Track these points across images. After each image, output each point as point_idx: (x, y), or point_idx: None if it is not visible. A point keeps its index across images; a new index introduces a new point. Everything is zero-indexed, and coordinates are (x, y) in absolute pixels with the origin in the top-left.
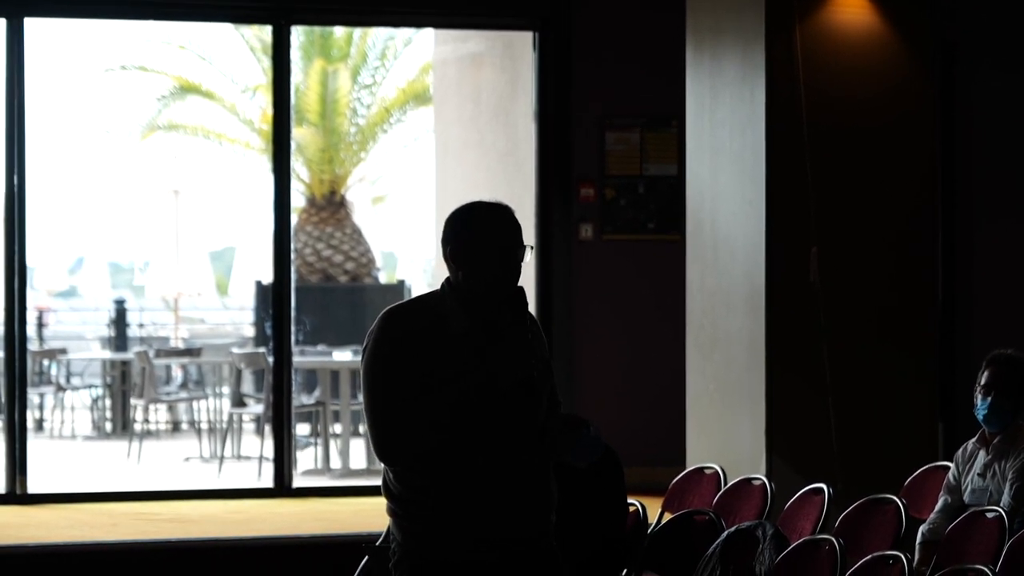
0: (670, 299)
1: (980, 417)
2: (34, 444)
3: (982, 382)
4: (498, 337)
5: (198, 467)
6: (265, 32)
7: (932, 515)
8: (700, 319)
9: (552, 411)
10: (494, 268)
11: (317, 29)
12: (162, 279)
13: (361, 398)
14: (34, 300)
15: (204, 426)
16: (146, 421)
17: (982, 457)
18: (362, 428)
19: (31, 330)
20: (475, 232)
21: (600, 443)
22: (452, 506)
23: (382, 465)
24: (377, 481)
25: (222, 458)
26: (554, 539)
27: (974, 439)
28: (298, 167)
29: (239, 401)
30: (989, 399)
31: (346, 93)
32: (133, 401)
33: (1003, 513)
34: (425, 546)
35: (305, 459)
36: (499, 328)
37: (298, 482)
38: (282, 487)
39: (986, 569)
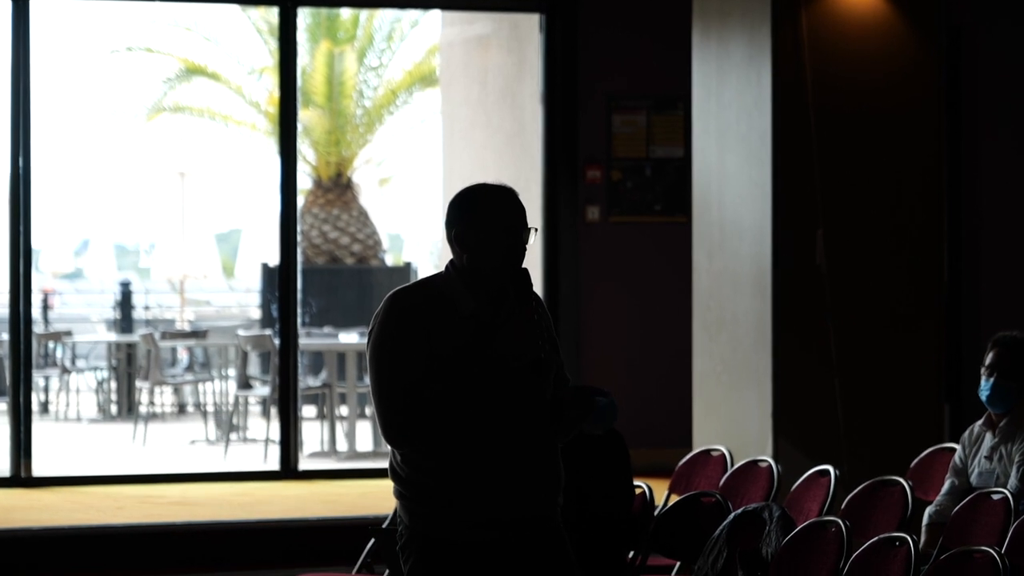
0: (677, 281)
1: (983, 398)
2: (39, 427)
3: (986, 363)
4: (506, 317)
5: (204, 450)
6: (271, 14)
7: (938, 497)
8: (707, 301)
9: (560, 388)
10: (499, 250)
11: (323, 11)
12: (168, 261)
13: (368, 380)
14: (39, 282)
15: (210, 409)
16: (152, 404)
17: (988, 440)
18: (368, 410)
19: (36, 312)
20: (480, 214)
21: (614, 408)
22: (461, 487)
23: (389, 448)
24: (383, 464)
25: (228, 441)
26: (560, 519)
27: (980, 421)
28: (304, 149)
29: (245, 383)
30: (992, 380)
31: (352, 75)
32: (139, 384)
33: (1009, 495)
34: (433, 527)
35: (311, 441)
36: (506, 309)
37: (304, 464)
38: (288, 469)
39: (992, 551)
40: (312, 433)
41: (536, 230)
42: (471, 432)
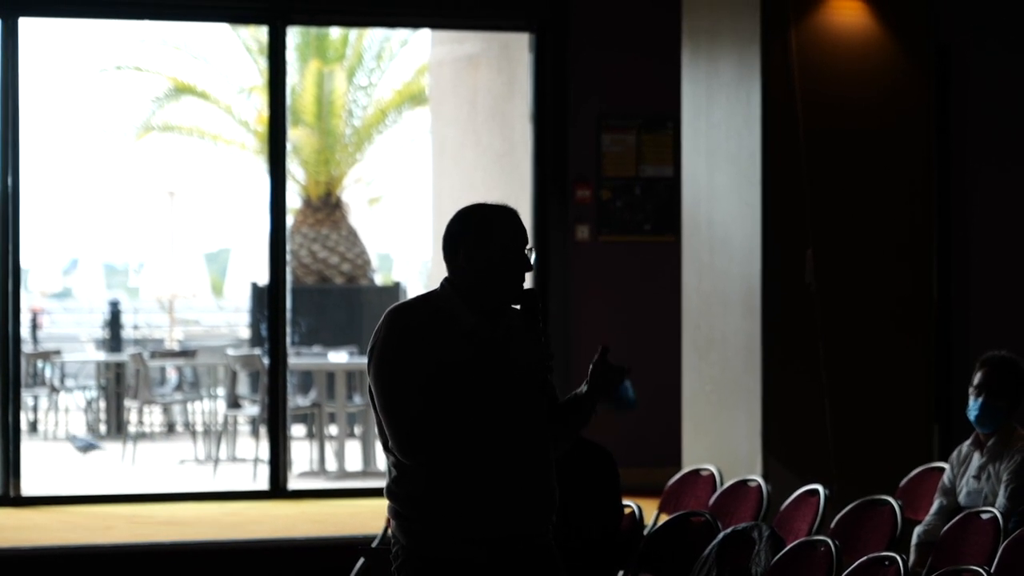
0: (666, 300)
1: (972, 417)
2: (28, 446)
3: (975, 383)
4: (504, 333)
5: (193, 469)
6: (261, 33)
7: (928, 517)
8: (696, 320)
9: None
10: (507, 268)
11: (313, 30)
12: (157, 280)
13: (358, 400)
14: (28, 301)
15: (199, 428)
16: (141, 423)
17: (977, 459)
18: (358, 430)
19: (25, 332)
20: (488, 233)
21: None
22: (463, 503)
23: (380, 467)
24: (372, 483)
25: (217, 460)
26: (552, 538)
27: (968, 441)
28: (294, 168)
29: (234, 403)
30: (981, 399)
31: (342, 94)
32: (127, 403)
33: (998, 514)
34: (431, 546)
35: (301, 461)
36: (503, 324)
37: (293, 484)
38: (277, 489)
39: (981, 570)
40: (301, 452)
41: (533, 249)
42: (476, 447)
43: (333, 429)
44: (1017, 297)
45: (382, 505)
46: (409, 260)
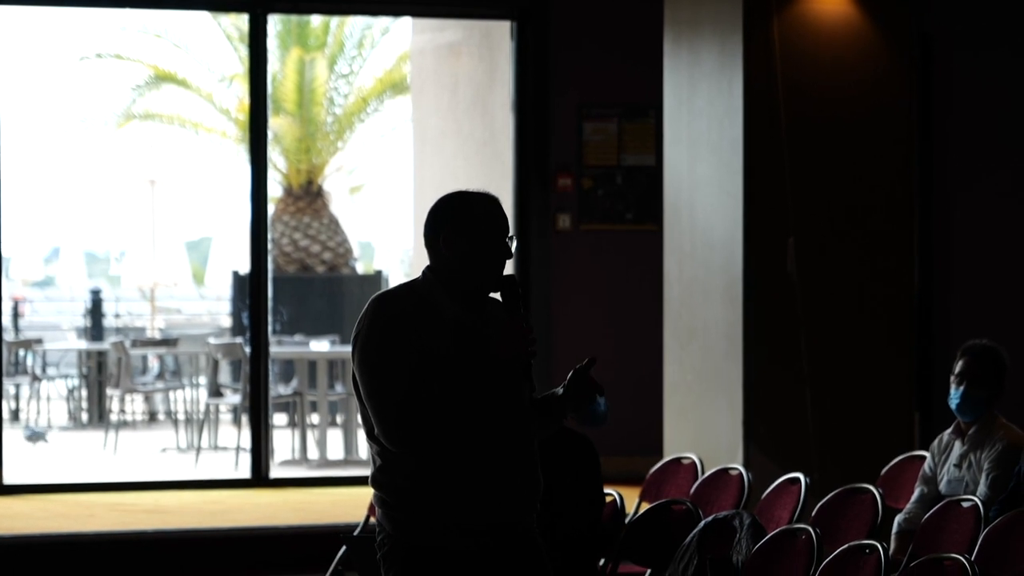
0: (648, 289)
1: (953, 406)
2: (10, 435)
3: (956, 371)
4: (486, 321)
5: (175, 458)
6: (242, 20)
7: (908, 505)
8: (678, 309)
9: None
10: (488, 255)
11: (294, 18)
12: (138, 269)
13: (339, 388)
14: (9, 290)
15: (181, 416)
16: (122, 411)
17: (958, 448)
18: (339, 418)
19: (6, 320)
20: (470, 219)
21: (607, 412)
22: (450, 492)
23: (362, 456)
24: (354, 472)
25: (199, 448)
26: (536, 526)
27: (950, 430)
28: (275, 157)
29: (216, 391)
30: (962, 388)
31: (323, 82)
32: (109, 391)
33: (978, 503)
34: (418, 535)
35: (282, 449)
36: (485, 312)
37: (275, 472)
38: (259, 477)
39: (962, 558)
40: (283, 441)
41: (514, 238)
42: (461, 436)
43: (315, 417)
44: (998, 286)
45: (364, 493)
46: (390, 248)
